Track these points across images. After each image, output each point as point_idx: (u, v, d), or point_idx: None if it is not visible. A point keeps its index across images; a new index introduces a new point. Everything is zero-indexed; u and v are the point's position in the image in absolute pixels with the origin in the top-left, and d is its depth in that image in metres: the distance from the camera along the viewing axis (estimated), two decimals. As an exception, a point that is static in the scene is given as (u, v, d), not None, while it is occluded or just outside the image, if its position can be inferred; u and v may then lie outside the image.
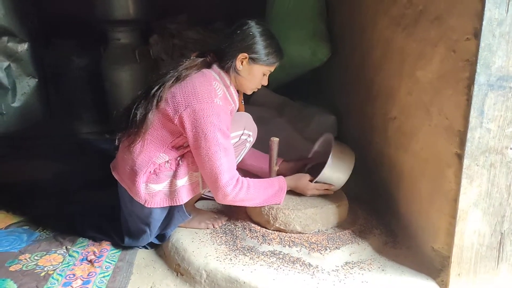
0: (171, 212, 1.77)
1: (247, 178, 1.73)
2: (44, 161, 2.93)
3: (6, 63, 3.32)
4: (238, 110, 1.92)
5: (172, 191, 1.71)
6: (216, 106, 1.64)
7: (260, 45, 1.71)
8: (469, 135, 1.38)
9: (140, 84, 2.92)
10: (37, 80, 3.51)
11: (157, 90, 1.67)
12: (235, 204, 1.75)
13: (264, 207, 1.79)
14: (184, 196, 1.72)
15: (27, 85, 3.47)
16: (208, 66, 1.77)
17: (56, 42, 3.52)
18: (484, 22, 1.30)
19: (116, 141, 1.80)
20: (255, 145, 2.02)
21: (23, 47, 3.38)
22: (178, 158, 1.74)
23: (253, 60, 1.73)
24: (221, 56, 1.76)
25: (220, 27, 3.60)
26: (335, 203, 1.83)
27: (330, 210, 1.80)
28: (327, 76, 3.01)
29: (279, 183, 1.81)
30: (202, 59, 1.77)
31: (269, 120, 2.75)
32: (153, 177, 1.71)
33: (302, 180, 1.86)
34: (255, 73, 1.76)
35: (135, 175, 1.70)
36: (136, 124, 1.67)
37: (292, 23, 2.85)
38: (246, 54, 1.71)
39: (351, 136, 2.55)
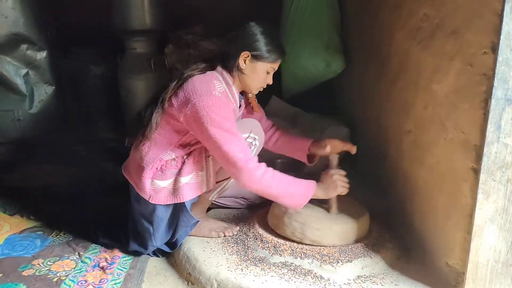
0: (176, 214, 1.78)
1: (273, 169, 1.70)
2: (60, 167, 2.96)
3: (24, 70, 3.38)
4: (253, 110, 1.94)
5: (175, 189, 1.73)
6: (215, 97, 1.65)
7: (261, 42, 1.73)
8: (485, 149, 1.37)
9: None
10: (54, 87, 3.56)
11: (162, 93, 1.73)
12: (261, 190, 1.68)
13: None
14: (187, 194, 1.73)
15: (44, 92, 3.52)
16: (213, 69, 1.79)
17: (74, 50, 3.57)
18: (502, 36, 1.29)
19: (127, 143, 1.86)
20: (264, 152, 2.02)
21: (41, 55, 3.45)
22: (185, 157, 1.76)
23: (255, 57, 1.74)
24: (224, 58, 1.78)
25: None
26: (360, 216, 1.82)
27: (359, 223, 1.79)
28: (341, 88, 3.01)
29: (308, 186, 1.73)
30: (206, 64, 1.79)
31: (282, 131, 2.75)
32: (159, 174, 1.74)
33: (329, 177, 1.79)
34: (259, 71, 1.77)
35: (142, 171, 1.74)
36: (144, 125, 1.73)
37: (307, 34, 2.86)
38: (248, 52, 1.73)
39: (365, 148, 2.53)
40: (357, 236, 1.79)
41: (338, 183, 1.78)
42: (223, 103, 1.68)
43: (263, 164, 1.69)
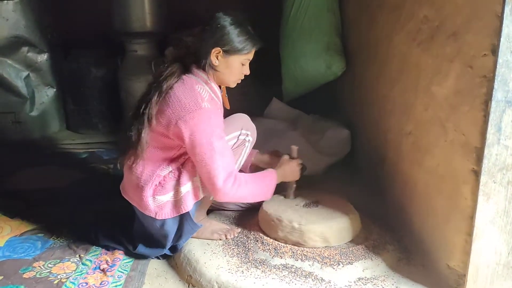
0: (181, 223, 1.78)
1: (242, 173, 1.76)
2: (60, 169, 2.96)
3: (25, 73, 3.38)
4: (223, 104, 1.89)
5: (177, 200, 1.73)
6: (205, 111, 1.63)
7: (231, 35, 1.66)
8: (486, 151, 1.37)
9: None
10: (55, 90, 3.57)
11: (145, 109, 1.67)
12: (234, 200, 1.83)
13: (277, 221, 1.78)
14: (189, 203, 1.73)
15: (45, 94, 3.53)
16: (187, 69, 1.73)
17: (75, 53, 3.58)
18: (502, 39, 1.29)
19: (118, 165, 1.84)
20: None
21: (42, 58, 3.45)
22: (180, 166, 1.75)
23: (227, 52, 1.68)
24: (197, 56, 1.72)
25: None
26: (346, 215, 1.82)
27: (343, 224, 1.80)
28: (341, 90, 3.01)
29: (270, 177, 1.83)
30: (179, 64, 1.74)
31: (282, 133, 2.75)
32: (159, 189, 1.73)
33: (287, 162, 1.91)
34: (233, 65, 1.72)
35: (142, 190, 1.72)
36: (133, 145, 1.69)
37: (307, 36, 2.87)
38: (219, 48, 1.68)
39: (365, 151, 2.54)
40: (352, 235, 1.81)
41: (296, 169, 1.91)
42: (213, 114, 1.66)
43: (238, 177, 1.69)
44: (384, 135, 2.19)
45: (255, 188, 1.77)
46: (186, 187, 1.72)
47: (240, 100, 3.23)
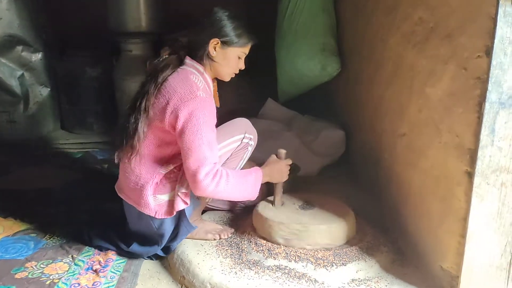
0: (178, 224, 1.77)
1: (225, 168, 1.70)
2: (54, 169, 2.95)
3: (19, 72, 3.37)
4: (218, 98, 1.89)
5: (178, 197, 1.72)
6: (200, 99, 1.63)
7: (229, 27, 1.71)
8: (479, 153, 1.37)
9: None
10: (49, 89, 3.55)
11: (141, 101, 1.68)
12: (215, 196, 1.71)
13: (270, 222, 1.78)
14: (188, 200, 1.72)
15: (39, 94, 3.51)
16: (181, 62, 1.75)
17: (70, 52, 3.56)
18: (495, 40, 1.29)
19: (115, 159, 1.81)
20: (259, 155, 2.02)
21: (36, 57, 3.44)
22: (183, 166, 1.74)
23: (225, 43, 1.72)
24: (193, 48, 1.75)
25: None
26: (342, 217, 1.81)
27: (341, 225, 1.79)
28: (336, 91, 3.01)
29: (256, 176, 1.75)
30: (174, 56, 1.76)
31: (277, 134, 2.75)
32: (160, 188, 1.72)
33: (275, 162, 1.84)
34: (230, 57, 1.75)
35: (142, 189, 1.71)
36: (129, 137, 1.69)
37: (303, 37, 2.87)
38: (217, 39, 1.71)
39: (360, 152, 2.54)
40: (347, 236, 1.80)
41: (284, 169, 1.84)
42: (208, 103, 1.66)
43: (219, 172, 1.63)
44: (379, 136, 2.19)
45: (238, 185, 1.69)
46: (188, 187, 1.71)
47: (235, 100, 3.25)
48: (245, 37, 1.74)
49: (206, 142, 1.61)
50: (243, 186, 1.72)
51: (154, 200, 1.72)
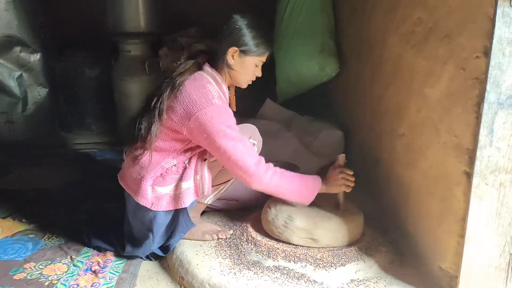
0: (176, 218, 1.78)
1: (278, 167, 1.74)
2: (53, 170, 2.94)
3: (18, 73, 3.37)
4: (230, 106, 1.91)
5: (177, 194, 1.73)
6: (216, 106, 1.66)
7: (248, 36, 1.72)
8: (478, 153, 1.37)
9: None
10: (48, 90, 3.56)
11: (156, 102, 1.70)
12: (270, 191, 1.72)
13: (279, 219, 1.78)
14: (188, 199, 1.73)
15: (38, 94, 3.51)
16: (200, 67, 1.77)
17: (68, 53, 3.56)
18: (494, 41, 1.29)
19: (124, 155, 1.83)
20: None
21: (35, 57, 3.44)
22: (186, 162, 1.76)
23: (243, 52, 1.74)
24: (212, 55, 1.78)
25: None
26: (353, 217, 1.81)
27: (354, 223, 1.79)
28: (335, 92, 3.01)
29: (314, 181, 1.77)
30: (193, 61, 1.77)
31: (277, 134, 2.75)
32: (159, 180, 1.73)
33: (331, 171, 1.81)
34: (248, 65, 1.77)
35: (142, 179, 1.72)
36: (142, 137, 1.71)
37: (301, 38, 2.87)
38: (236, 48, 1.73)
39: (359, 152, 2.54)
40: (351, 237, 1.79)
41: (342, 181, 1.79)
42: (224, 109, 1.69)
43: (271, 165, 1.71)
44: (378, 136, 2.19)
45: (293, 184, 1.72)
46: (188, 184, 1.73)
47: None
48: (263, 47, 1.76)
49: (237, 140, 1.66)
50: (298, 187, 1.73)
51: (152, 192, 1.73)
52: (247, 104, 3.23)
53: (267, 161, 1.73)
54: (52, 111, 3.64)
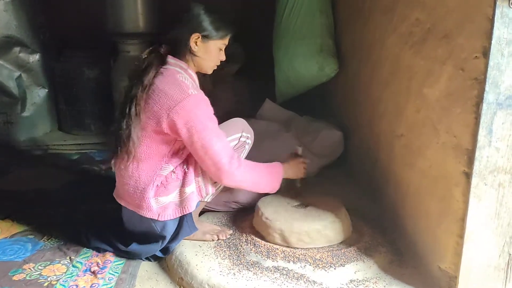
0: (180, 224, 1.78)
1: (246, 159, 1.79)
2: (52, 170, 2.94)
3: (17, 73, 3.35)
4: (206, 90, 1.88)
5: (182, 200, 1.73)
6: (194, 97, 1.65)
7: (206, 21, 1.73)
8: (477, 154, 1.37)
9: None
10: (47, 90, 3.55)
11: (130, 106, 1.67)
12: (238, 185, 1.78)
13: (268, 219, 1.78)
14: (193, 203, 1.74)
15: (37, 95, 3.50)
16: (163, 60, 1.75)
17: (67, 53, 3.56)
18: (493, 41, 1.30)
19: (112, 166, 1.81)
20: (257, 155, 2.02)
21: (34, 58, 3.43)
22: (184, 166, 1.76)
23: (205, 37, 1.74)
24: (173, 45, 1.77)
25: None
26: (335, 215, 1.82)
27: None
28: (334, 92, 3.02)
29: (277, 168, 1.84)
30: (156, 54, 1.76)
31: (276, 135, 2.75)
32: (161, 190, 1.72)
33: (292, 159, 1.93)
34: (212, 50, 1.78)
35: (143, 192, 1.71)
36: (124, 144, 1.68)
37: (300, 38, 2.87)
38: (198, 34, 1.73)
39: (358, 152, 2.54)
40: (341, 234, 1.80)
41: (302, 166, 1.92)
42: (200, 99, 1.69)
43: (241, 159, 1.74)
44: (377, 137, 2.20)
45: (262, 175, 1.79)
46: (191, 188, 1.74)
47: (233, 101, 3.24)
48: (223, 29, 1.77)
49: (215, 134, 1.67)
50: (266, 177, 1.80)
51: (156, 203, 1.72)
52: (246, 105, 3.24)
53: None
54: (51, 112, 3.64)
